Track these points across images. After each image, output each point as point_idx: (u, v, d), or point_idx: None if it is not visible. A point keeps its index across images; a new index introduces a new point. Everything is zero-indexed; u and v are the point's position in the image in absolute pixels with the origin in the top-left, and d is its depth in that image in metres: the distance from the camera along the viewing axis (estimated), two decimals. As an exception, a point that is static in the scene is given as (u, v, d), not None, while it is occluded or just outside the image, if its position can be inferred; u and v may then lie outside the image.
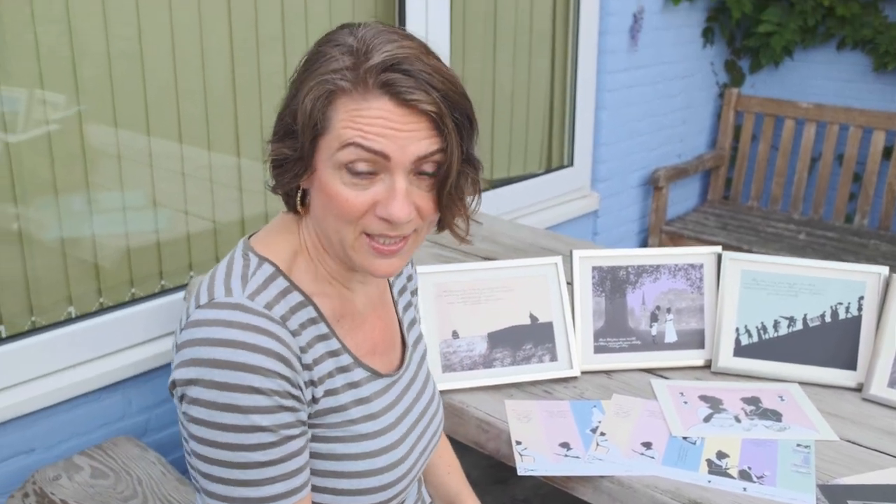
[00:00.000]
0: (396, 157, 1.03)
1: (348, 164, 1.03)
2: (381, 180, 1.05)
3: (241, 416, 1.00)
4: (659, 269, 1.78)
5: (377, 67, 1.02)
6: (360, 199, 1.05)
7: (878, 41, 3.89)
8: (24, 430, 1.95)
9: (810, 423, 1.53)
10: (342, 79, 1.03)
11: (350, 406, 1.13)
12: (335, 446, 1.12)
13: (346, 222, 1.06)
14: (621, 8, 3.48)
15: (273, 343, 1.03)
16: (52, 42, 1.91)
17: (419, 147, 1.03)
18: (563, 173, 3.50)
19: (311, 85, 1.05)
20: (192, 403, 1.02)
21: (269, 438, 1.02)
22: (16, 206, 1.92)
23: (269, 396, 1.01)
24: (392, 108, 1.02)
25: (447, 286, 1.71)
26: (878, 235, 3.86)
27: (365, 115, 1.02)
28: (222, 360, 1.00)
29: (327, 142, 1.05)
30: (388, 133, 1.02)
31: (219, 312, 1.04)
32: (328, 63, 1.04)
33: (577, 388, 1.66)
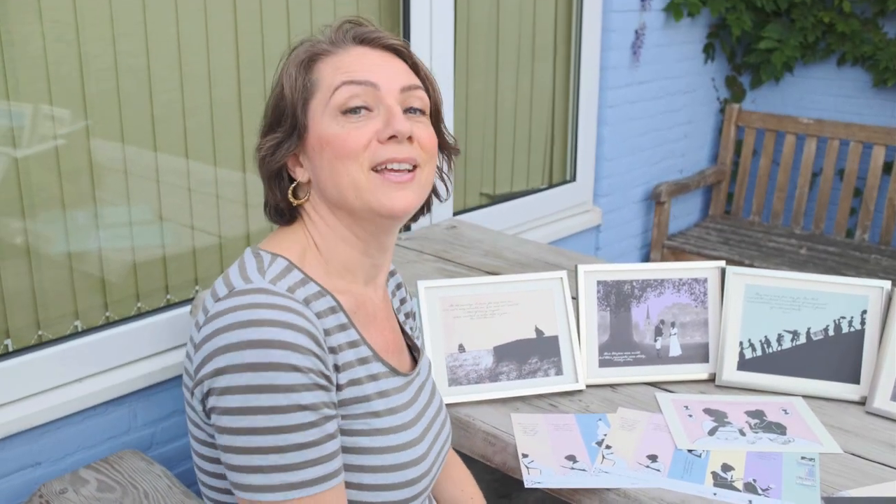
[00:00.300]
0: (384, 84, 1.14)
1: (344, 105, 1.13)
2: (376, 114, 1.14)
3: (280, 395, 0.98)
4: (663, 284, 1.79)
5: (345, 29, 1.20)
6: (360, 132, 1.12)
7: (878, 57, 3.91)
8: (31, 444, 1.96)
9: (814, 436, 1.54)
10: (318, 44, 1.19)
11: (373, 398, 1.13)
12: (359, 439, 1.11)
13: (353, 159, 1.12)
14: (623, 24, 3.51)
15: (303, 321, 1.02)
16: (60, 58, 1.93)
17: (401, 78, 1.17)
18: (566, 188, 3.52)
19: (291, 60, 1.18)
20: (222, 394, 1.00)
21: (309, 418, 1.00)
22: (23, 220, 1.94)
23: (306, 374, 1.00)
24: (368, 51, 1.18)
25: (453, 300, 1.72)
26: (878, 250, 3.87)
27: (347, 60, 1.16)
28: (254, 340, 0.98)
29: (319, 99, 1.15)
30: (372, 67, 1.15)
31: (242, 298, 1.03)
32: (305, 44, 1.20)
33: (583, 401, 1.67)
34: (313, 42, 1.19)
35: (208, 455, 1.13)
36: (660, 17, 3.70)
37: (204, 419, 1.08)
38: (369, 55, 1.17)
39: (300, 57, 1.17)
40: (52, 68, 1.92)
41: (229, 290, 1.06)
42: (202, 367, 1.02)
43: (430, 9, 2.70)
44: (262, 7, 2.28)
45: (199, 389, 1.04)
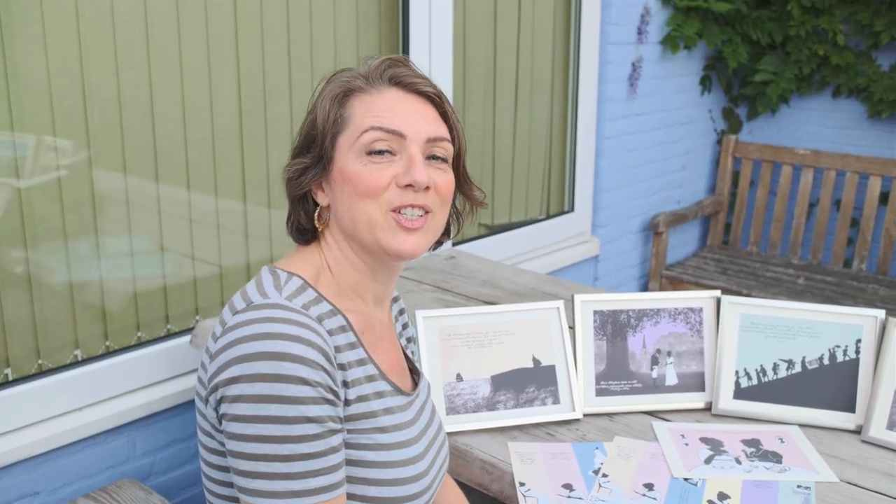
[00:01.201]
0: (411, 134, 1.18)
1: (369, 147, 1.17)
2: (398, 159, 1.18)
3: (289, 406, 1.02)
4: (659, 313, 1.80)
5: (382, 68, 1.23)
6: (382, 173, 1.17)
7: (872, 89, 3.95)
8: (30, 473, 1.96)
9: (810, 465, 1.55)
10: (356, 80, 1.22)
11: (380, 414, 1.18)
12: (364, 453, 1.15)
13: (372, 199, 1.17)
14: (620, 57, 3.55)
15: (315, 336, 1.07)
16: (64, 89, 1.95)
17: (429, 128, 1.20)
18: (564, 219, 3.54)
19: (328, 90, 1.22)
20: (234, 401, 1.04)
21: (315, 430, 1.04)
22: (25, 250, 1.95)
23: (315, 387, 1.04)
24: (402, 96, 1.21)
25: (451, 329, 1.73)
26: (876, 280, 3.89)
27: (379, 103, 1.19)
28: (268, 352, 1.03)
29: (347, 136, 1.19)
30: (401, 115, 1.19)
31: (259, 312, 1.08)
32: (342, 75, 1.24)
33: (580, 430, 1.68)
34: (351, 76, 1.22)
35: (216, 463, 1.18)
36: (656, 49, 3.74)
37: (215, 426, 1.12)
38: (402, 101, 1.21)
39: (336, 90, 1.21)
40: (55, 100, 1.94)
41: (247, 304, 1.11)
42: (217, 375, 1.07)
43: (428, 43, 2.73)
44: (264, 40, 2.32)
45: (213, 396, 1.08)
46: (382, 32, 2.66)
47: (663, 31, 3.75)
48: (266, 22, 2.32)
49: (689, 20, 3.76)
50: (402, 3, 2.67)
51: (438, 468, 1.30)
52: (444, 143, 1.22)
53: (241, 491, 1.06)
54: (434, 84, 1.25)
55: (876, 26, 3.85)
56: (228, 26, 2.23)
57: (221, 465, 1.17)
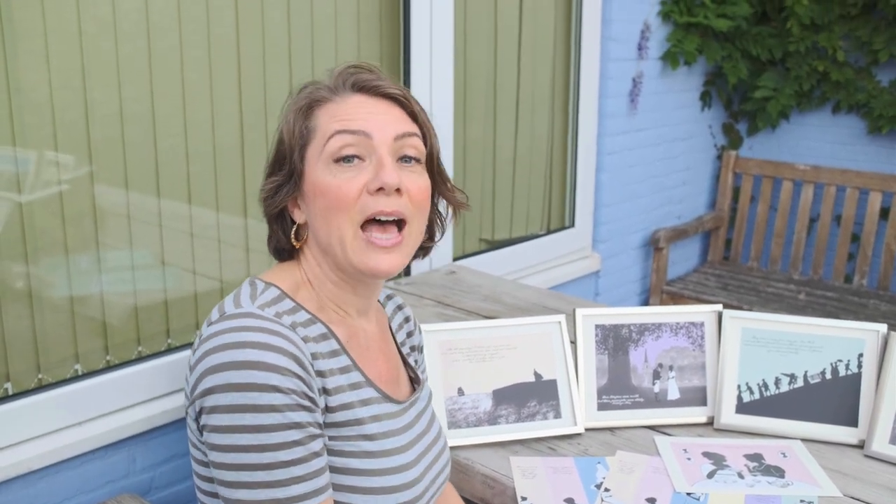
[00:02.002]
0: (377, 134, 1.16)
1: (337, 154, 1.15)
2: (367, 164, 1.16)
3: (263, 414, 1.02)
4: (661, 328, 1.80)
5: (346, 75, 1.21)
6: (352, 182, 1.14)
7: (872, 105, 3.96)
8: (29, 488, 1.95)
9: (813, 480, 1.54)
10: (320, 90, 1.21)
11: (367, 421, 1.17)
12: (350, 461, 1.14)
13: (344, 212, 1.14)
14: (620, 72, 3.56)
15: (286, 343, 1.07)
16: (66, 104, 1.96)
17: (396, 126, 1.18)
18: (565, 234, 3.54)
19: (292, 106, 1.21)
20: (211, 412, 1.04)
21: (293, 437, 1.04)
22: (25, 264, 1.95)
23: (288, 395, 1.04)
24: (366, 100, 1.20)
25: (452, 344, 1.73)
26: (877, 295, 3.89)
27: (344, 109, 1.18)
28: (238, 362, 1.03)
29: (314, 146, 1.17)
30: (366, 116, 1.17)
31: (230, 321, 1.08)
32: (301, 91, 1.23)
33: (581, 444, 1.68)
34: (314, 88, 1.22)
35: (205, 475, 1.18)
36: (657, 65, 3.75)
37: (199, 437, 1.12)
38: (367, 104, 1.19)
39: (300, 103, 1.20)
40: (57, 114, 1.95)
41: (221, 314, 1.12)
42: (195, 387, 1.07)
43: (429, 58, 2.74)
44: (265, 54, 2.33)
45: (193, 408, 1.09)
46: (384, 48, 2.67)
47: (663, 46, 3.76)
48: (267, 37, 2.32)
49: (689, 36, 3.77)
50: (403, 19, 2.68)
51: (433, 477, 1.29)
52: (414, 140, 1.19)
53: (225, 501, 1.06)
54: (401, 86, 1.23)
55: (875, 43, 3.86)
56: (230, 41, 2.24)
57: (209, 477, 1.17)
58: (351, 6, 2.54)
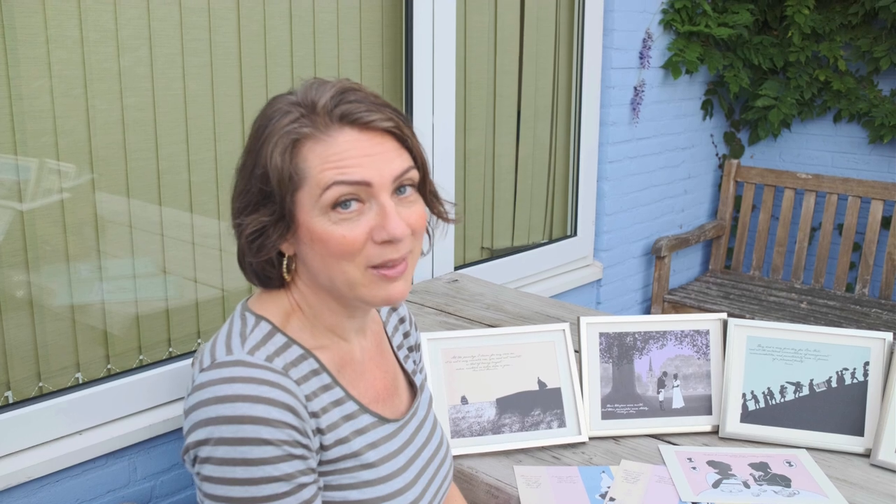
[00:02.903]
0: (376, 181, 1.08)
1: (335, 203, 1.07)
2: (368, 208, 1.09)
3: (253, 468, 1.02)
4: (665, 336, 1.79)
5: (329, 105, 1.09)
6: (355, 232, 1.08)
7: (874, 114, 3.96)
8: (30, 497, 1.94)
9: (819, 489, 1.53)
10: (301, 126, 1.09)
11: (363, 451, 1.16)
12: (349, 493, 1.13)
13: (349, 260, 1.09)
14: (622, 81, 3.56)
15: (278, 393, 1.05)
16: (68, 112, 1.95)
17: (393, 167, 1.10)
18: (567, 243, 3.53)
19: (273, 142, 1.09)
20: (203, 462, 1.05)
21: (283, 489, 1.04)
22: (27, 272, 1.95)
23: (279, 447, 1.03)
24: (357, 136, 1.09)
25: (456, 352, 1.72)
26: (879, 304, 3.88)
27: (335, 151, 1.08)
28: (229, 416, 1.02)
29: (307, 192, 1.08)
30: (362, 160, 1.08)
31: (220, 371, 1.06)
32: (280, 119, 1.10)
33: (586, 453, 1.67)
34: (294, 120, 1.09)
35: None
36: (658, 74, 3.75)
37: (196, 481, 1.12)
38: (359, 143, 1.09)
39: (284, 143, 1.08)
40: (59, 122, 1.94)
41: (212, 361, 1.09)
42: (188, 436, 1.07)
43: (431, 66, 2.74)
44: (267, 63, 2.32)
45: (188, 456, 1.09)
46: (385, 56, 2.67)
47: (665, 55, 3.76)
48: (269, 46, 2.32)
49: (691, 45, 3.77)
50: (405, 27, 2.68)
51: (435, 490, 1.27)
52: (411, 173, 1.13)
53: None
54: (390, 109, 1.12)
55: (876, 52, 3.87)
56: (232, 50, 2.24)
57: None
58: (353, 14, 2.54)
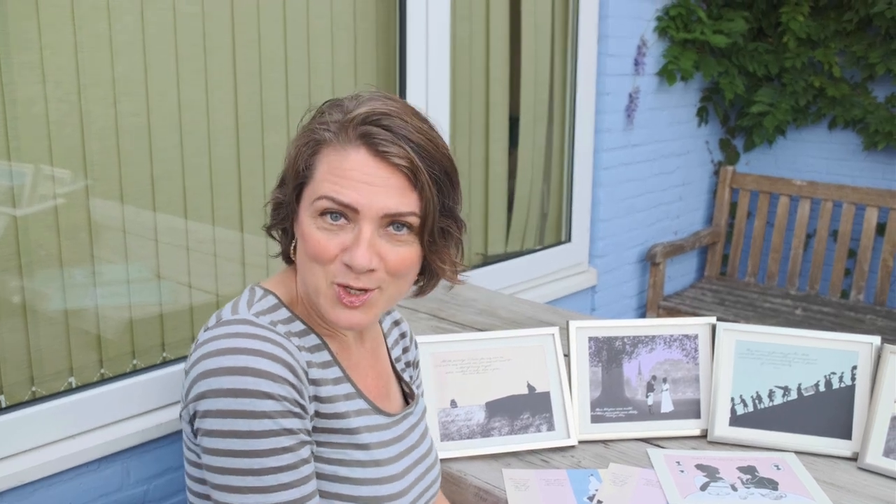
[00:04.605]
0: (364, 209, 1.10)
1: (323, 211, 1.11)
2: (350, 228, 1.11)
3: (255, 420, 1.03)
4: (654, 340, 1.80)
5: (358, 119, 1.10)
6: (330, 242, 1.11)
7: (868, 121, 3.98)
8: (22, 501, 1.95)
9: (807, 492, 1.54)
10: (327, 130, 1.12)
11: (359, 431, 1.18)
12: (339, 469, 1.15)
13: (319, 265, 1.13)
14: (617, 88, 3.57)
15: (279, 350, 1.07)
16: (62, 117, 1.96)
17: (388, 203, 1.10)
18: (562, 249, 3.54)
19: (303, 135, 1.16)
20: (204, 416, 1.05)
21: (284, 443, 1.05)
22: (20, 277, 1.95)
23: (279, 401, 1.04)
24: (367, 160, 1.10)
25: (445, 356, 1.73)
26: (874, 311, 3.89)
27: (342, 165, 1.10)
28: (231, 367, 1.04)
29: (309, 191, 1.14)
30: (360, 186, 1.09)
31: (225, 328, 1.09)
32: (320, 117, 1.15)
33: (575, 457, 1.67)
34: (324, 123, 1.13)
35: (197, 476, 1.19)
36: (653, 81, 3.77)
37: (192, 439, 1.13)
38: (366, 167, 1.09)
39: (307, 139, 1.14)
40: (53, 128, 1.95)
41: (217, 321, 1.13)
42: (189, 391, 1.08)
43: (425, 70, 2.75)
44: (261, 69, 2.33)
45: (187, 412, 1.10)
46: (380, 63, 2.68)
47: (660, 62, 3.78)
48: (264, 52, 2.33)
49: (686, 52, 3.79)
50: (399, 33, 2.69)
51: (422, 490, 1.29)
52: (409, 218, 1.12)
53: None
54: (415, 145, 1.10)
55: (871, 58, 3.88)
56: (226, 55, 2.25)
57: (201, 478, 1.18)
58: (347, 20, 2.55)
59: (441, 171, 1.13)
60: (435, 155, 1.13)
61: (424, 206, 1.12)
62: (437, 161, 1.13)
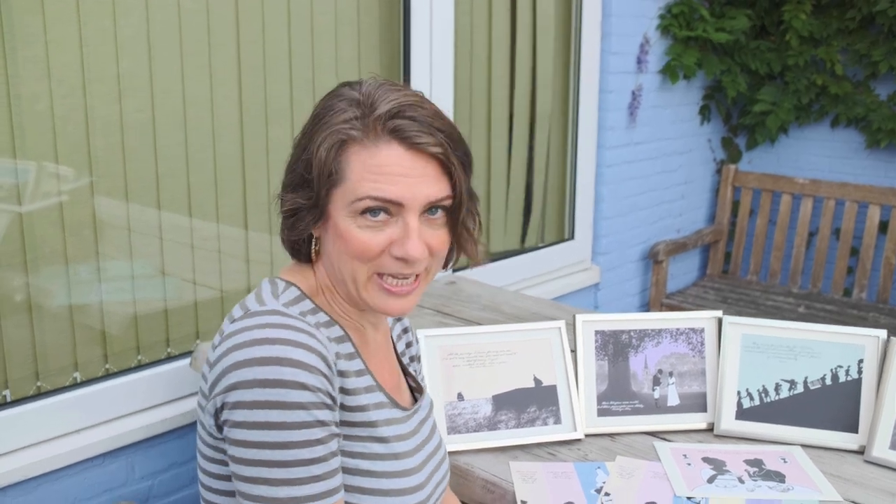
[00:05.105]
0: (409, 202, 1.10)
1: (364, 210, 1.10)
2: (394, 222, 1.12)
3: (289, 412, 1.01)
4: (660, 334, 1.80)
5: (384, 115, 1.10)
6: (375, 240, 1.11)
7: (871, 118, 3.98)
8: (27, 495, 1.95)
9: (814, 485, 1.53)
10: (352, 128, 1.11)
11: (380, 424, 1.17)
12: (360, 462, 1.14)
13: (362, 262, 1.12)
14: (620, 85, 3.57)
15: (312, 341, 1.06)
16: (67, 114, 1.96)
17: (430, 191, 1.11)
18: (565, 246, 3.54)
19: (324, 136, 1.12)
20: (234, 408, 1.03)
21: (316, 435, 1.03)
22: (26, 273, 1.95)
23: (315, 392, 1.03)
24: (402, 154, 1.10)
25: (452, 349, 1.73)
26: (876, 308, 3.89)
27: (377, 161, 1.10)
28: (266, 357, 1.02)
29: (342, 192, 1.12)
30: (399, 180, 1.09)
31: (256, 319, 1.07)
32: (337, 115, 1.12)
33: (581, 450, 1.67)
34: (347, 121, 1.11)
35: (212, 471, 1.18)
36: (656, 79, 3.77)
37: (214, 434, 1.12)
38: (402, 161, 1.10)
39: (332, 140, 1.11)
40: (58, 125, 1.95)
41: (245, 312, 1.11)
42: (216, 384, 1.06)
43: (429, 64, 2.75)
44: (266, 64, 2.33)
45: (213, 404, 1.08)
46: (383, 56, 2.68)
47: (662, 60, 3.78)
48: (268, 47, 2.33)
49: (689, 50, 3.79)
50: (402, 28, 2.69)
51: (436, 484, 1.29)
52: (445, 201, 1.14)
53: (244, 497, 1.05)
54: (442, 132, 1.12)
55: (874, 56, 3.88)
56: (230, 51, 2.25)
57: (217, 474, 1.17)
58: (351, 15, 2.55)
59: (463, 153, 1.16)
60: (457, 138, 1.15)
61: (456, 188, 1.14)
62: (460, 144, 1.15)
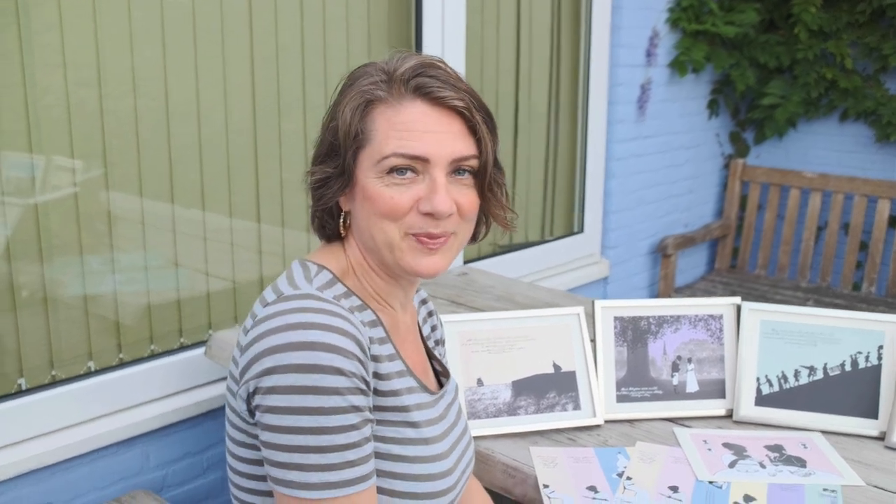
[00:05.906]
0: (435, 157, 1.12)
1: (391, 169, 1.11)
2: (420, 180, 1.13)
3: (325, 397, 1.00)
4: (679, 320, 1.79)
5: (407, 73, 1.13)
6: (403, 196, 1.12)
7: (880, 112, 3.97)
8: (42, 483, 1.94)
9: (835, 469, 1.53)
10: (377, 89, 1.13)
11: (411, 409, 1.16)
12: (392, 447, 1.13)
13: (391, 221, 1.13)
14: (629, 79, 3.57)
15: (348, 325, 1.05)
16: (81, 106, 1.96)
17: (455, 147, 1.13)
18: (574, 240, 3.54)
19: (350, 97, 1.14)
20: (268, 392, 1.02)
21: (351, 420, 1.02)
22: (41, 264, 1.95)
23: (350, 378, 1.02)
24: (426, 110, 1.12)
25: (472, 335, 1.72)
26: (885, 302, 3.88)
27: (402, 119, 1.12)
28: (301, 342, 1.01)
29: (368, 153, 1.13)
30: (425, 136, 1.11)
31: (290, 303, 1.06)
32: (364, 79, 1.15)
33: (601, 436, 1.67)
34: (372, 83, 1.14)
35: (244, 456, 1.16)
36: (665, 72, 3.76)
37: (245, 418, 1.10)
38: (426, 117, 1.12)
39: (357, 101, 1.13)
40: (72, 117, 1.95)
41: (278, 296, 1.10)
42: (249, 368, 1.05)
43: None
44: (278, 57, 2.33)
45: (245, 388, 1.06)
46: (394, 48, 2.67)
47: (671, 54, 3.77)
48: (280, 40, 2.33)
49: (697, 44, 3.78)
50: (414, 21, 2.69)
51: (464, 468, 1.28)
52: (471, 161, 1.16)
53: (276, 482, 1.04)
54: (465, 91, 1.15)
55: (884, 49, 3.87)
56: (244, 45, 2.25)
57: (248, 458, 1.15)
58: (362, 8, 2.55)
59: (487, 115, 1.18)
60: (480, 100, 1.17)
61: (482, 148, 1.16)
62: (482, 106, 1.17)
